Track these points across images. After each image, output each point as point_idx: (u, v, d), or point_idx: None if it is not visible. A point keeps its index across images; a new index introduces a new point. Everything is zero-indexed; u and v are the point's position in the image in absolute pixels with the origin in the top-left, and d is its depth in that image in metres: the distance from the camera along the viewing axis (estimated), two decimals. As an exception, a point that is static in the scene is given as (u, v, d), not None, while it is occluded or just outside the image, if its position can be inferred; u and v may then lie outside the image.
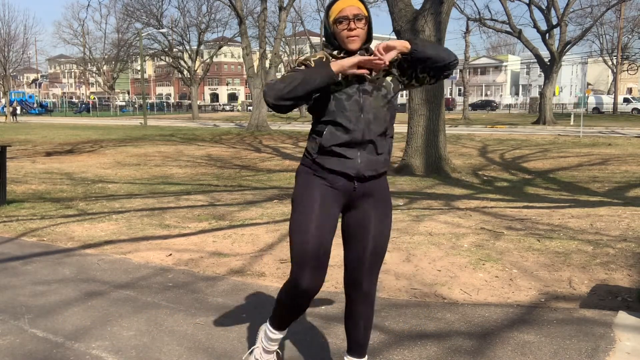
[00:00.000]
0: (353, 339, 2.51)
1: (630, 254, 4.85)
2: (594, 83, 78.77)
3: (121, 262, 4.86)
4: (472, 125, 33.57)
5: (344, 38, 2.29)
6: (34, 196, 8.73)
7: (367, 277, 2.41)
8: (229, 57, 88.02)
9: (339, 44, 2.32)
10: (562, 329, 3.28)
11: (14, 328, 3.41)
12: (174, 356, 3.01)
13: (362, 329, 2.47)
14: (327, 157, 2.33)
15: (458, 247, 5.16)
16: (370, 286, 2.43)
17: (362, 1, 2.32)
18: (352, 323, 2.48)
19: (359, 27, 2.27)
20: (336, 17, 2.28)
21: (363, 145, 2.31)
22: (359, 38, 2.28)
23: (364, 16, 2.28)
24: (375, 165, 2.35)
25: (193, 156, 16.00)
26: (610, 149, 17.13)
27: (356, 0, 2.30)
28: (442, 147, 11.37)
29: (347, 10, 2.26)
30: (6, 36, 45.71)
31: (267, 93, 2.19)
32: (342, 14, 2.26)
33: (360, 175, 2.33)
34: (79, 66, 68.15)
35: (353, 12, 2.26)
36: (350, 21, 2.26)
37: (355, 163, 2.31)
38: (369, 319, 2.47)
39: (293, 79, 2.18)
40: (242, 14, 30.36)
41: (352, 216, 2.42)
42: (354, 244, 2.43)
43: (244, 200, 8.07)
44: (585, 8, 40.57)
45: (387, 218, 2.44)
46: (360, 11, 2.28)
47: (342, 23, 2.27)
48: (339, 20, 2.27)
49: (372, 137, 2.31)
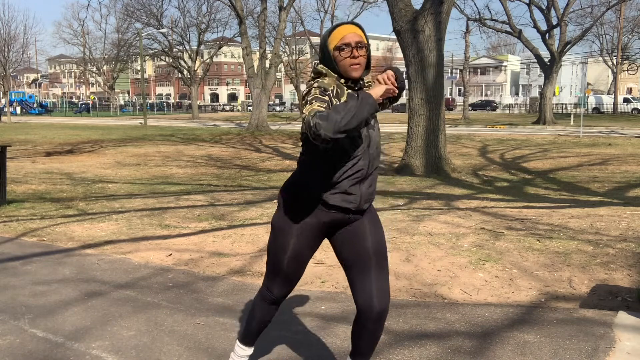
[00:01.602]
0: (357, 349, 2.47)
1: (630, 254, 4.86)
2: (594, 83, 78.78)
3: (121, 262, 4.86)
4: (472, 125, 33.57)
5: (346, 66, 2.24)
6: (34, 196, 8.73)
7: (377, 294, 2.35)
8: (229, 57, 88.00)
9: (339, 70, 2.27)
10: (562, 329, 3.28)
11: (14, 328, 3.41)
12: (174, 356, 3.01)
13: (368, 343, 2.43)
14: (331, 194, 2.29)
15: (458, 247, 5.16)
16: (382, 306, 2.35)
17: (361, 28, 2.29)
18: (359, 335, 2.43)
19: (361, 55, 2.24)
20: (338, 44, 2.24)
21: (366, 179, 2.34)
22: (360, 66, 2.26)
23: (364, 44, 2.26)
24: (371, 197, 2.40)
25: (193, 156, 16.00)
26: (610, 149, 17.13)
27: (357, 28, 2.28)
28: (442, 147, 11.37)
29: (349, 38, 2.23)
30: (6, 36, 45.61)
31: (324, 126, 1.96)
32: (344, 41, 2.23)
33: (359, 209, 2.37)
34: (79, 66, 68.11)
35: (355, 40, 2.23)
36: (353, 49, 2.22)
37: (357, 198, 2.32)
38: (378, 335, 2.41)
39: (347, 111, 2.01)
40: (242, 14, 30.36)
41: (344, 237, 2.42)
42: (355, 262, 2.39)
43: (244, 200, 8.07)
44: (585, 8, 40.65)
45: (380, 229, 2.47)
46: (362, 39, 2.25)
47: (344, 50, 2.23)
48: (341, 47, 2.23)
49: (372, 170, 2.36)
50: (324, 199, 2.30)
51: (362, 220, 2.42)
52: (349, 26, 2.26)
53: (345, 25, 2.27)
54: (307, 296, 3.91)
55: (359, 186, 2.31)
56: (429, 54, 11.01)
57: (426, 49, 10.97)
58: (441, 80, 11.27)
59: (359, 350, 2.47)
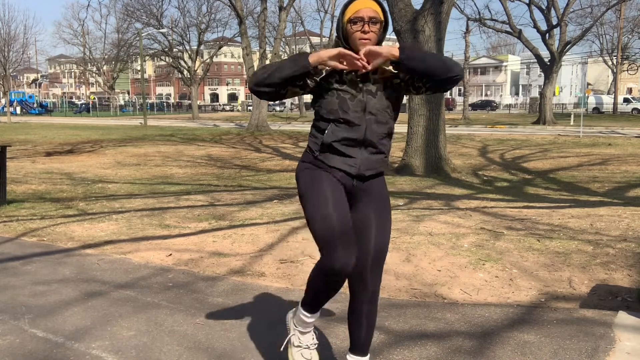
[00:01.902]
0: (356, 337, 2.49)
1: (630, 254, 4.85)
2: (594, 83, 78.77)
3: (121, 262, 4.86)
4: (472, 125, 33.57)
5: (356, 39, 2.23)
6: (34, 196, 8.73)
7: (371, 275, 2.40)
8: (229, 57, 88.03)
9: (350, 44, 2.27)
10: (562, 329, 3.28)
11: (14, 328, 3.41)
12: (174, 356, 3.01)
13: (366, 327, 2.46)
14: (329, 155, 2.34)
15: (458, 247, 5.16)
16: (375, 285, 2.43)
17: (380, 4, 2.26)
18: (356, 321, 2.47)
19: (373, 31, 2.22)
20: (351, 17, 2.22)
21: (365, 144, 2.31)
22: (370, 42, 2.23)
23: (379, 20, 2.23)
24: (375, 165, 2.36)
25: (193, 156, 16.00)
26: (610, 149, 17.13)
27: (374, 3, 2.24)
28: (442, 147, 11.37)
29: (363, 12, 2.21)
30: (6, 36, 45.60)
31: (250, 79, 2.27)
32: (357, 15, 2.21)
33: (360, 174, 2.34)
34: (79, 66, 68.10)
35: (369, 15, 2.20)
36: (365, 23, 2.21)
37: (356, 161, 2.32)
38: (373, 318, 2.46)
39: (271, 66, 2.23)
40: (242, 14, 30.36)
41: (353, 217, 2.40)
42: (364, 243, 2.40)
43: (244, 200, 8.07)
44: (585, 8, 40.72)
45: (386, 216, 2.44)
46: (377, 14, 2.23)
47: (356, 24, 2.22)
48: (354, 20, 2.22)
49: (374, 137, 2.32)
50: (323, 159, 2.34)
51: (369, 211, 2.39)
52: (365, 0, 2.24)
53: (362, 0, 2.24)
54: (307, 296, 3.91)
55: (359, 150, 2.31)
56: (429, 54, 11.00)
57: (426, 49, 10.97)
58: (441, 80, 11.26)
59: (357, 342, 2.49)
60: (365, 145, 2.31)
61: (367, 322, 2.46)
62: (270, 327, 3.35)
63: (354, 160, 2.31)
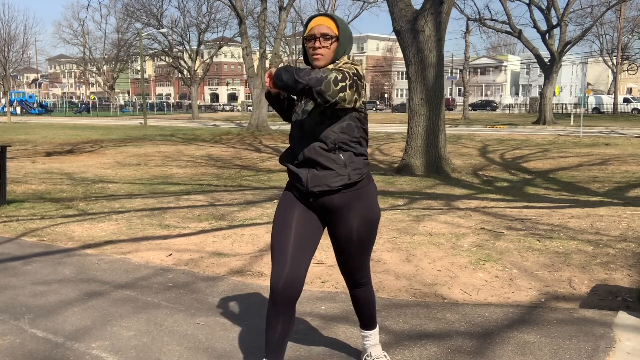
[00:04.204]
0: (361, 317, 2.78)
1: (630, 254, 4.86)
2: (594, 83, 78.78)
3: (121, 262, 4.86)
4: (472, 125, 33.57)
5: (310, 55, 2.41)
6: (34, 196, 8.73)
7: (357, 273, 2.63)
8: (229, 57, 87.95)
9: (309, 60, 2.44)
10: (562, 329, 3.28)
11: (14, 328, 3.41)
12: (174, 356, 3.01)
13: (367, 309, 2.75)
14: (288, 174, 2.51)
15: (458, 247, 5.16)
16: (363, 278, 2.66)
17: (335, 20, 2.40)
18: (358, 306, 2.75)
19: (324, 47, 2.37)
20: (305, 34, 2.40)
21: (307, 163, 2.40)
22: (323, 57, 2.38)
23: (332, 36, 2.37)
24: (323, 180, 2.36)
25: (193, 156, 16.00)
26: (610, 149, 17.13)
27: (328, 20, 2.39)
28: (442, 147, 11.37)
29: (316, 29, 2.37)
30: (6, 36, 45.56)
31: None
32: (311, 32, 2.37)
33: (310, 192, 2.41)
34: (79, 66, 68.06)
35: (321, 31, 2.37)
36: (317, 40, 2.36)
37: (303, 181, 2.41)
38: (371, 301, 2.74)
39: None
40: (242, 14, 30.36)
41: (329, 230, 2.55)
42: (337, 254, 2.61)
43: (244, 200, 8.07)
44: (585, 8, 40.60)
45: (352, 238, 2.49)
46: (330, 30, 2.37)
47: (310, 41, 2.39)
48: (308, 38, 2.39)
49: (314, 155, 2.37)
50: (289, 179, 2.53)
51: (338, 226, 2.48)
52: (319, 18, 2.41)
53: (317, 17, 2.41)
54: (307, 296, 3.91)
55: (305, 170, 2.42)
56: (429, 54, 11.01)
57: (426, 49, 10.97)
58: (441, 80, 11.27)
59: (363, 317, 2.78)
60: (308, 164, 2.41)
61: (367, 306, 2.74)
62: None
63: (301, 180, 2.42)
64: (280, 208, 2.50)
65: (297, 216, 2.44)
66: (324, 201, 2.42)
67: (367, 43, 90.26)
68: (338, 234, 2.50)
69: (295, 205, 2.47)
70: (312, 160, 2.38)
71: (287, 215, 2.45)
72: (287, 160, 2.49)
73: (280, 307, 2.34)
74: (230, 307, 3.73)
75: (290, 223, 2.43)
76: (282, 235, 2.41)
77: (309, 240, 2.44)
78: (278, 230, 2.43)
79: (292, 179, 2.49)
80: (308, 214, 2.47)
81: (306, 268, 2.40)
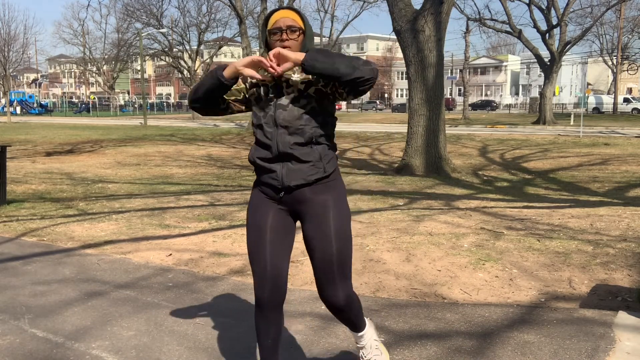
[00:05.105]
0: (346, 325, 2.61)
1: (630, 254, 4.86)
2: (594, 83, 78.78)
3: (121, 262, 4.86)
4: (472, 125, 33.57)
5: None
6: (34, 196, 8.73)
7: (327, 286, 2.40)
8: (229, 57, 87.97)
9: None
10: (562, 329, 3.28)
11: (14, 328, 3.41)
12: (174, 356, 3.02)
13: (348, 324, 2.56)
14: (258, 171, 2.42)
15: (458, 247, 5.16)
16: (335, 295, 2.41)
17: (299, 13, 2.34)
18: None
19: (292, 39, 2.30)
20: (270, 28, 2.32)
21: (282, 158, 2.34)
22: (291, 49, 2.29)
23: (298, 28, 2.31)
24: (300, 174, 2.33)
25: (193, 156, 16.00)
26: (610, 148, 17.13)
27: (292, 12, 2.33)
28: (442, 147, 11.37)
29: (281, 22, 2.30)
30: (6, 36, 45.53)
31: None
32: (276, 25, 2.30)
33: (285, 186, 2.35)
34: (79, 66, 68.09)
35: (287, 24, 2.29)
36: (283, 32, 2.29)
37: (278, 175, 2.35)
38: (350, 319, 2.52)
39: (199, 82, 2.40)
40: (242, 14, 30.36)
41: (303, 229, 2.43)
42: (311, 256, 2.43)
43: (244, 200, 8.07)
44: (585, 8, 40.67)
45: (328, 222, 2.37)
46: (295, 23, 2.31)
47: (276, 34, 2.31)
48: (273, 31, 2.31)
49: (290, 149, 2.32)
50: (257, 176, 2.44)
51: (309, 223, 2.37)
52: (283, 11, 2.34)
53: (280, 10, 2.35)
54: (307, 296, 3.91)
55: (279, 164, 2.35)
56: (429, 54, 11.01)
57: (426, 49, 10.97)
58: (441, 80, 11.27)
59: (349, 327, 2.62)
60: (282, 159, 2.34)
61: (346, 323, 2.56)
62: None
63: (276, 174, 2.35)
64: (252, 212, 2.44)
65: (271, 218, 2.40)
66: (295, 195, 2.37)
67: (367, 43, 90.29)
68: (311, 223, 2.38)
69: (268, 207, 2.41)
70: (287, 154, 2.32)
71: (261, 219, 2.40)
72: (257, 156, 2.39)
73: (269, 313, 2.36)
74: (230, 307, 3.73)
75: (265, 227, 2.39)
76: (259, 241, 2.37)
77: (286, 240, 2.42)
78: (254, 236, 2.39)
79: (262, 176, 2.40)
80: (281, 214, 2.42)
81: (287, 270, 2.40)
